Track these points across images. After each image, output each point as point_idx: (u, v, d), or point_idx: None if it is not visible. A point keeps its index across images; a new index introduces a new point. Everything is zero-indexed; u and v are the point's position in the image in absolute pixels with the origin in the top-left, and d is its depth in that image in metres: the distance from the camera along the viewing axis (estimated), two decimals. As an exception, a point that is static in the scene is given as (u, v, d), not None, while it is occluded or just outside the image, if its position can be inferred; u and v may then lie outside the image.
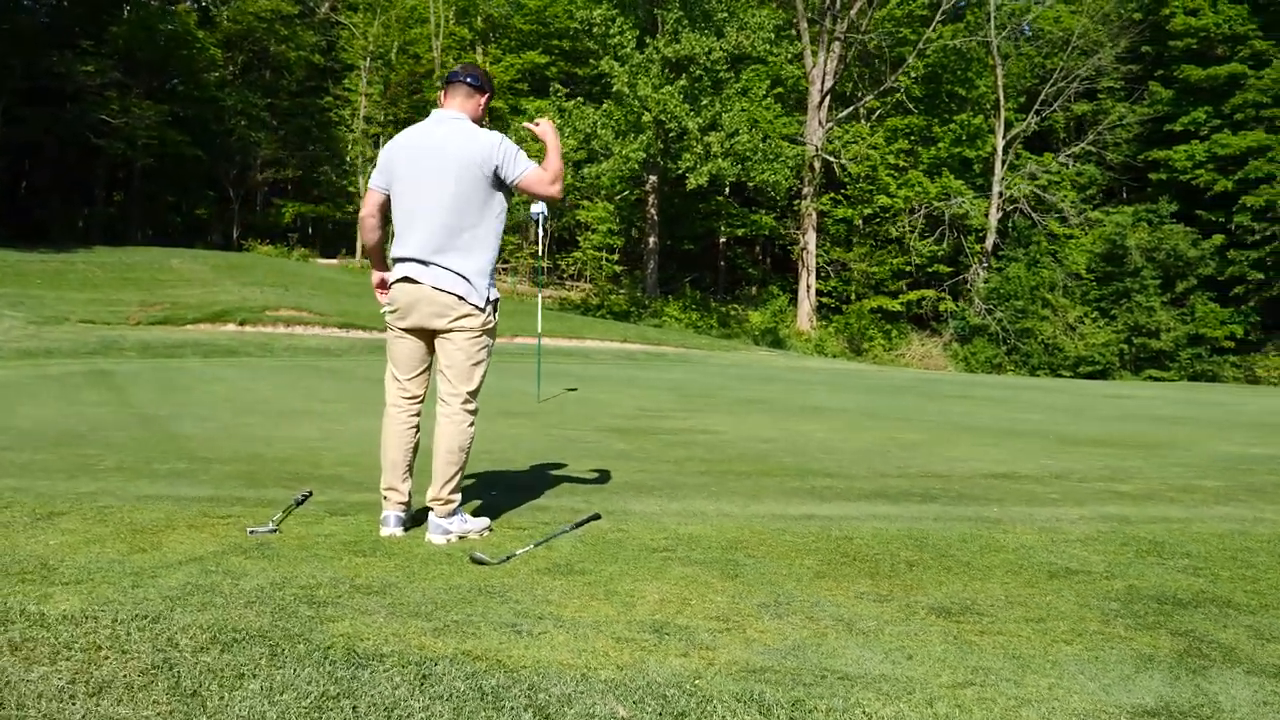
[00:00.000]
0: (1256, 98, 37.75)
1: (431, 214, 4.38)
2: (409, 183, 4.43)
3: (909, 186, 42.09)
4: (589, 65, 48.94)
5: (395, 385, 4.65)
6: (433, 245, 4.37)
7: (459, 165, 4.36)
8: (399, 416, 4.61)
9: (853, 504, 5.42)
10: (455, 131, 4.43)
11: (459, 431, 4.47)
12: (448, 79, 4.58)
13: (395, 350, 4.60)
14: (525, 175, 4.44)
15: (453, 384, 4.50)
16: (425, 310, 4.40)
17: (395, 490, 4.54)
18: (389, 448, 4.58)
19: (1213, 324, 37.58)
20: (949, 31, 42.85)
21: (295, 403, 10.80)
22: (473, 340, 4.47)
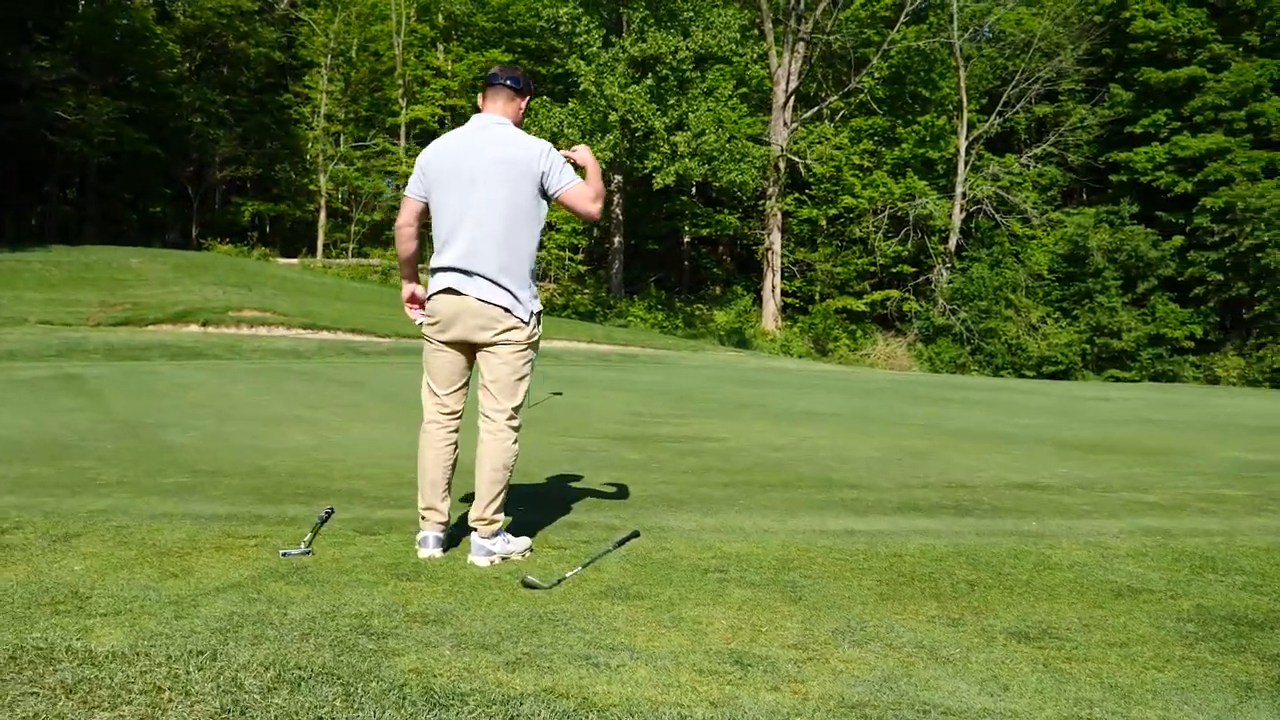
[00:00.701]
0: (1215, 100, 38.24)
1: (476, 222, 4.19)
2: (451, 189, 4.22)
3: (873, 187, 42.24)
4: (553, 64, 48.68)
5: (434, 400, 4.46)
6: (477, 255, 4.18)
7: (506, 171, 4.18)
8: (438, 433, 4.43)
9: (888, 518, 5.30)
10: (501, 136, 4.24)
11: (504, 449, 4.30)
12: (487, 81, 4.37)
13: (434, 364, 4.41)
14: (570, 189, 4.26)
15: (497, 399, 4.32)
16: (469, 323, 4.22)
17: (435, 510, 4.36)
18: (429, 466, 4.40)
19: (1173, 324, 38.04)
20: (912, 33, 43.03)
21: (278, 408, 10.54)
22: (518, 354, 4.29)
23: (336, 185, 48.47)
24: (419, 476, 4.43)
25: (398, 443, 7.85)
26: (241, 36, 46.99)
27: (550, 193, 4.24)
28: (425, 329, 4.39)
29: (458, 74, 49.75)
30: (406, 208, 4.38)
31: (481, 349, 4.30)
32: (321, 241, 47.52)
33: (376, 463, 6.77)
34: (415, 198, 4.35)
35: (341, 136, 49.42)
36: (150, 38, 43.21)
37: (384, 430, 8.70)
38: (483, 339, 4.24)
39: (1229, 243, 37.23)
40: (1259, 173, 37.69)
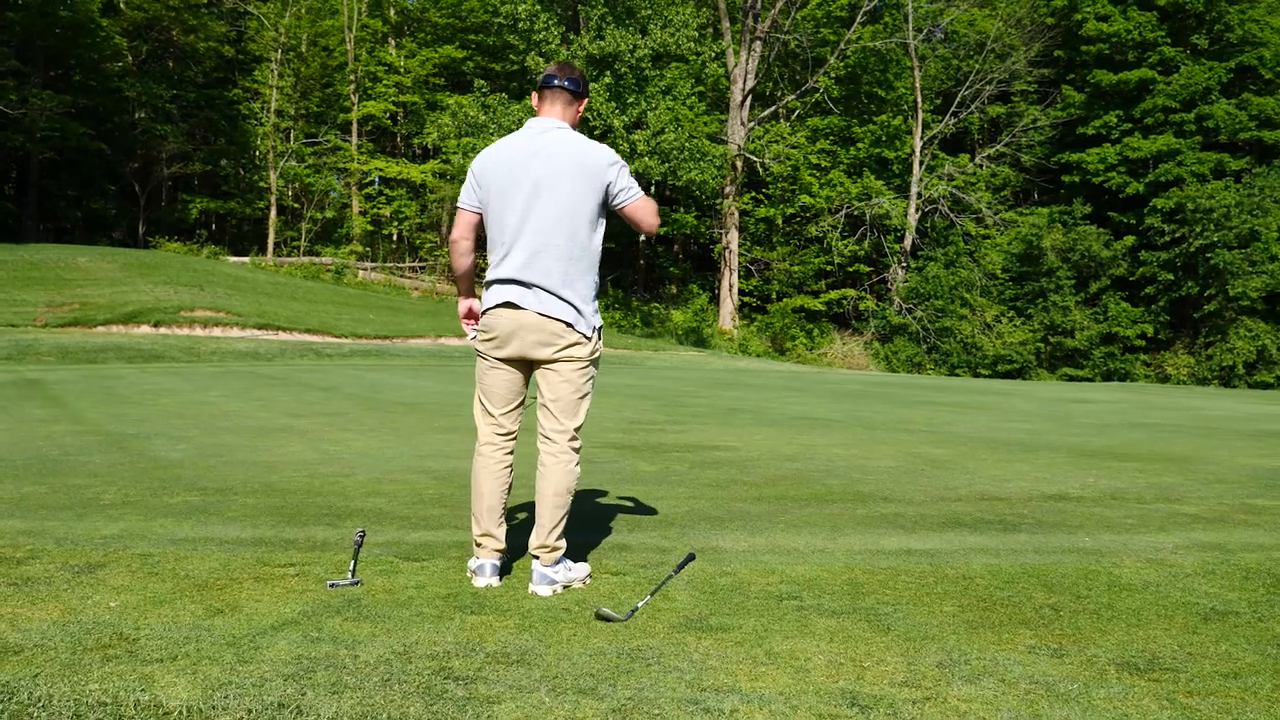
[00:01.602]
0: (1165, 103, 38.75)
1: (539, 232, 3.93)
2: (511, 199, 3.95)
3: (830, 186, 42.33)
4: (508, 60, 48.27)
5: (489, 421, 4.19)
6: (539, 267, 3.93)
7: (573, 179, 3.93)
8: (494, 455, 4.16)
9: (938, 534, 5.14)
10: (565, 142, 3.98)
11: (566, 472, 4.05)
12: (542, 83, 4.09)
13: (490, 382, 4.14)
14: (636, 201, 4.02)
15: (558, 419, 4.07)
16: (529, 339, 3.97)
17: (492, 537, 4.10)
18: (485, 492, 4.12)
19: (1125, 323, 38.53)
20: (868, 33, 43.19)
21: (262, 417, 10.20)
22: (580, 371, 4.06)
23: (287, 182, 47.73)
24: (474, 502, 4.16)
25: (400, 456, 7.58)
26: (189, 30, 46.06)
27: (616, 204, 4.01)
28: (480, 345, 4.12)
29: (411, 70, 49.17)
30: (461, 220, 4.12)
31: (541, 366, 4.06)
32: (272, 240, 46.73)
33: (389, 477, 6.49)
34: (470, 209, 4.09)
35: (292, 133, 48.63)
36: (95, 30, 42.22)
37: (381, 442, 8.40)
38: (543, 355, 4.00)
39: (1179, 243, 37.76)
40: (1208, 174, 38.28)
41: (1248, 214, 36.33)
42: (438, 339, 31.46)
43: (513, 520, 5.15)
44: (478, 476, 4.16)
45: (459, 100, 40.42)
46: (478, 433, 4.22)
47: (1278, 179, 37.63)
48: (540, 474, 4.06)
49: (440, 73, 49.87)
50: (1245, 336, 36.74)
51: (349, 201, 49.74)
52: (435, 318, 35.32)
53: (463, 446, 8.19)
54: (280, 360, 20.67)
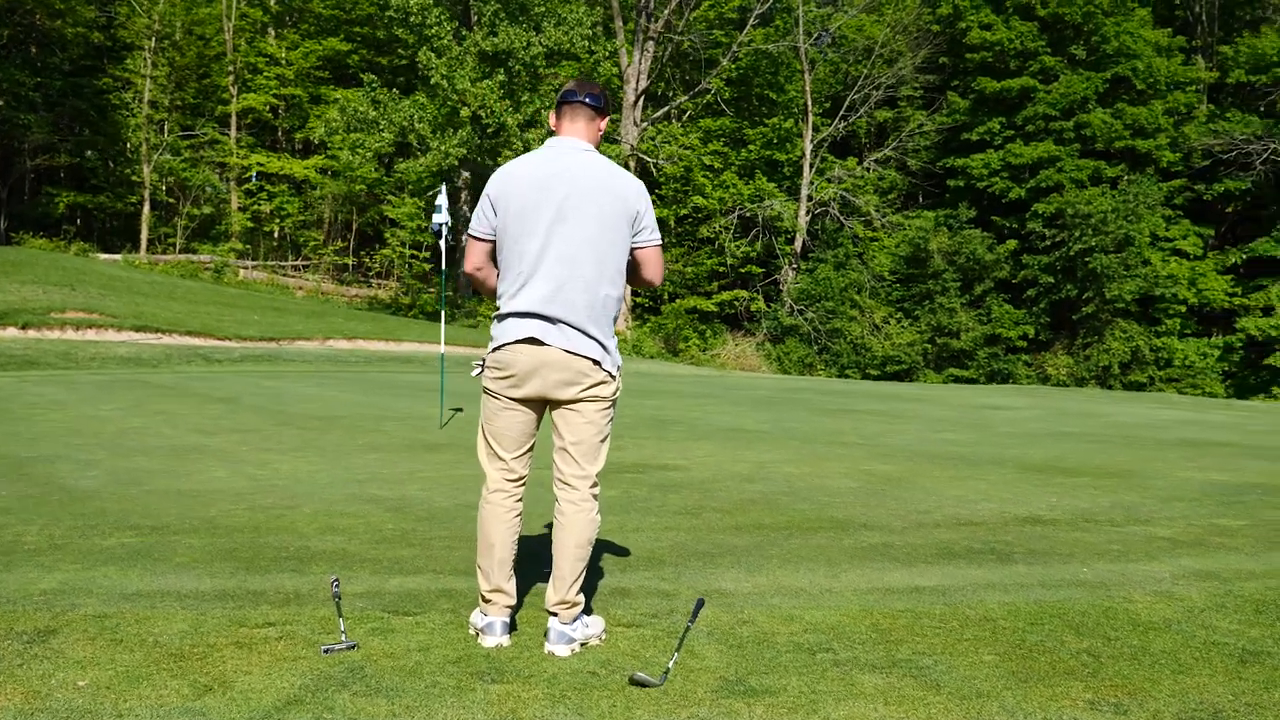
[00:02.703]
0: (1046, 110, 39.84)
1: (563, 261, 3.60)
2: (533, 224, 3.61)
3: (723, 188, 42.46)
4: (395, 54, 47.26)
5: (498, 466, 3.82)
6: (564, 300, 3.59)
7: (600, 203, 3.62)
8: (505, 503, 3.80)
9: (937, 568, 4.96)
10: (591, 163, 3.66)
11: (589, 521, 3.72)
12: (561, 99, 3.77)
13: (502, 424, 3.77)
14: (654, 246, 3.76)
15: (579, 464, 3.73)
16: (552, 378, 3.63)
17: (503, 593, 3.75)
18: (496, 544, 3.76)
19: (1007, 324, 39.50)
20: (760, 35, 43.46)
21: (170, 435, 9.56)
22: (603, 412, 3.73)
23: (162, 176, 45.81)
24: (482, 555, 3.79)
25: (337, 482, 7.12)
26: (55, 14, 43.75)
27: (634, 242, 3.71)
28: (491, 383, 3.75)
29: (293, 62, 47.72)
30: (474, 251, 3.75)
31: (560, 407, 3.72)
32: (146, 236, 44.81)
33: (338, 509, 6.05)
34: (484, 237, 3.73)
35: (166, 125, 46.75)
36: (-48, 13, 39.87)
37: (309, 464, 7.91)
38: (565, 396, 3.66)
39: (1059, 247, 38.85)
40: (1086, 180, 39.48)
41: (1123, 220, 37.59)
42: (326, 340, 30.49)
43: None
44: (487, 527, 3.79)
45: (347, 95, 39.33)
46: (486, 478, 3.86)
47: (1150, 186, 39.03)
48: (560, 524, 3.72)
49: (324, 66, 48.53)
50: (1120, 338, 38.02)
51: (228, 197, 48.05)
52: (322, 319, 34.27)
53: (399, 469, 7.77)
54: (167, 366, 19.68)
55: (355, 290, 45.71)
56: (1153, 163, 40.25)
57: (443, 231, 10.57)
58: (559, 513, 3.73)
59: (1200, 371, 37.99)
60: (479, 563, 3.80)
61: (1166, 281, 38.30)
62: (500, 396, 3.73)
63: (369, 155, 37.98)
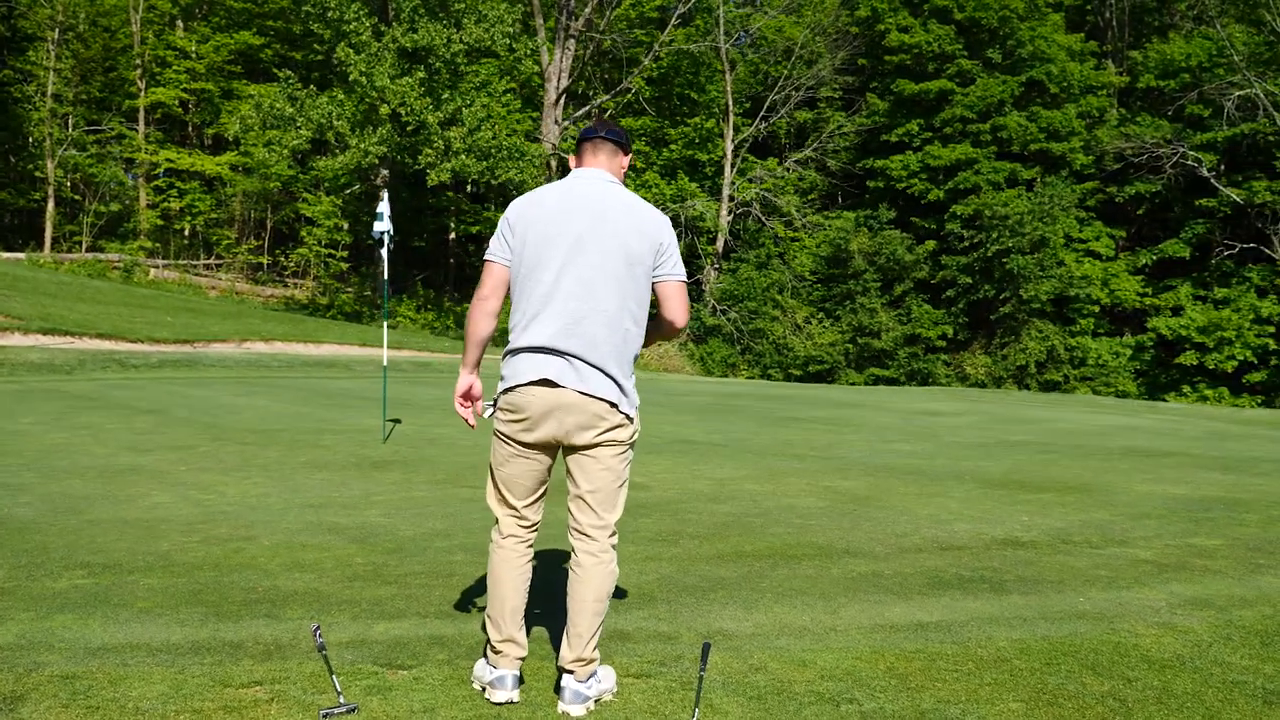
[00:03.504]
0: (963, 113, 40.39)
1: (581, 295, 3.41)
2: (551, 251, 3.43)
3: (645, 188, 42.35)
4: (309, 49, 46.29)
5: (509, 515, 3.62)
6: (581, 334, 3.40)
7: (623, 236, 3.44)
8: (517, 549, 3.60)
9: (933, 600, 4.85)
10: (616, 194, 3.52)
11: (608, 574, 3.52)
12: (583, 136, 3.64)
13: (514, 471, 3.56)
14: (678, 280, 3.56)
15: (597, 514, 3.53)
16: (568, 422, 3.42)
17: (514, 643, 3.56)
18: (508, 594, 3.56)
19: (927, 324, 39.99)
20: (681, 35, 43.42)
21: (99, 453, 9.10)
22: (620, 457, 3.53)
23: (66, 172, 44.26)
24: (494, 604, 3.59)
25: (290, 507, 6.80)
26: (-49, 4, 42.09)
27: (657, 275, 3.52)
28: (503, 426, 3.53)
29: (204, 55, 46.39)
30: (490, 276, 3.52)
31: (575, 452, 3.51)
32: (50, 234, 43.24)
33: (299, 541, 5.75)
34: (501, 261, 3.51)
35: (71, 119, 45.17)
36: None
37: (256, 486, 7.56)
38: (582, 440, 3.45)
39: (977, 248, 39.42)
40: (1002, 182, 40.11)
41: (1039, 221, 38.27)
42: (243, 343, 29.69)
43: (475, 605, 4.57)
44: (498, 575, 3.59)
45: (263, 91, 38.32)
46: (497, 523, 3.66)
47: (1064, 188, 39.82)
48: (577, 577, 3.52)
49: (236, 60, 47.27)
50: (1036, 337, 38.72)
51: (136, 194, 46.60)
52: (238, 320, 33.41)
53: (352, 492, 7.46)
54: (82, 373, 18.91)
55: (271, 290, 44.67)
56: (1067, 165, 41.09)
57: (384, 240, 10.25)
58: (576, 564, 3.53)
59: (1113, 370, 38.88)
60: (489, 612, 3.60)
61: (1080, 282, 39.12)
62: (511, 442, 3.52)
63: (285, 153, 37.09)
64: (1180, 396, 37.81)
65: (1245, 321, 36.89)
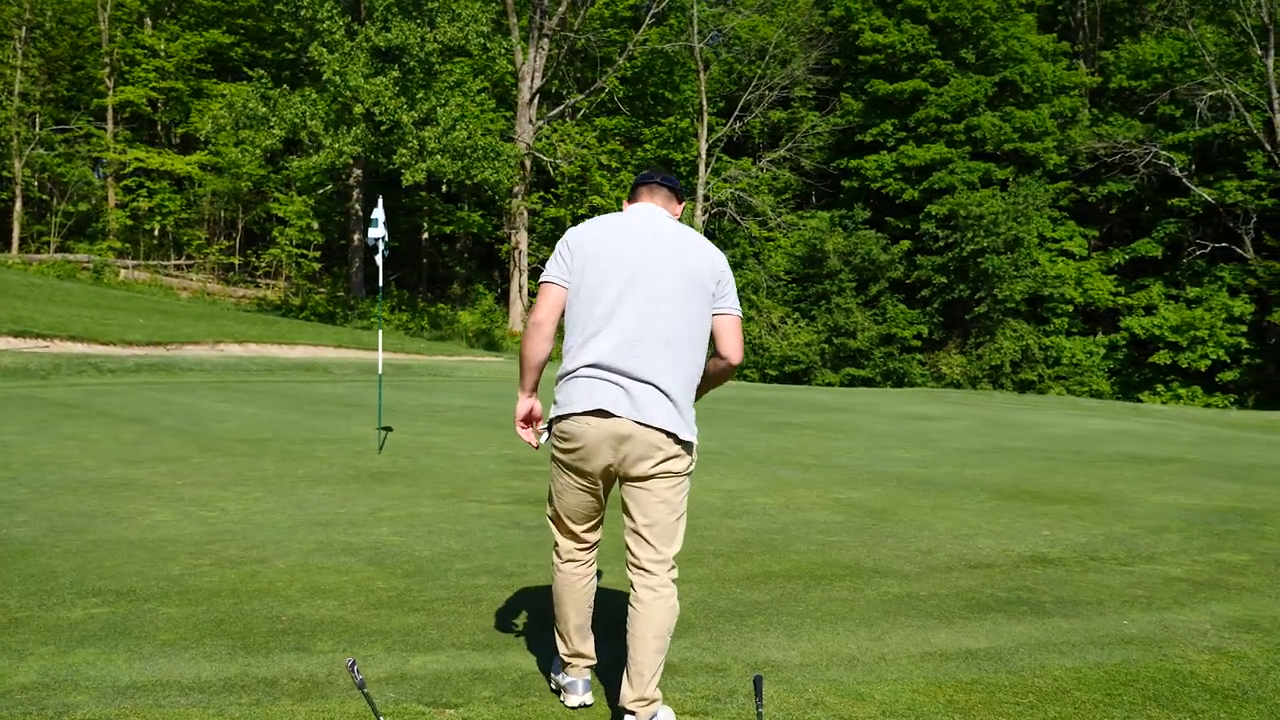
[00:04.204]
0: (937, 113, 40.54)
1: (642, 314, 3.34)
2: (611, 271, 3.37)
3: (621, 188, 42.24)
4: (280, 47, 45.80)
5: (568, 538, 3.62)
6: (640, 352, 3.32)
7: (684, 264, 3.41)
8: (579, 570, 3.61)
9: (976, 624, 4.76)
10: (676, 226, 3.51)
11: (669, 610, 3.42)
12: (639, 182, 3.66)
13: (571, 502, 3.53)
14: (735, 314, 3.52)
15: (655, 548, 3.44)
16: (623, 451, 3.34)
17: (582, 656, 3.64)
18: (572, 613, 3.59)
19: (902, 324, 40.11)
20: (655, 34, 43.32)
21: (88, 466, 8.87)
22: (677, 489, 3.44)
23: (34, 171, 43.57)
24: (559, 622, 3.62)
25: (299, 525, 6.62)
26: (-85, 1, 41.30)
27: (716, 307, 3.49)
28: (559, 454, 3.47)
29: (174, 54, 45.76)
30: (547, 297, 3.45)
31: (630, 483, 3.40)
32: (18, 235, 42.55)
33: (314, 564, 5.58)
34: (559, 283, 3.45)
35: (38, 118, 44.47)
36: None
37: (259, 503, 7.38)
38: (638, 471, 3.36)
39: (952, 248, 39.57)
40: (977, 182, 40.29)
41: (1013, 221, 38.47)
42: (216, 344, 29.32)
43: (519, 625, 4.44)
44: (562, 597, 3.60)
45: (236, 90, 37.86)
46: (557, 545, 3.65)
47: (1038, 188, 40.06)
48: (637, 613, 3.40)
49: (206, 58, 46.66)
50: (1011, 337, 38.93)
51: (105, 194, 45.95)
52: (211, 321, 33.00)
53: (358, 508, 7.29)
54: (58, 378, 18.55)
55: (243, 291, 44.18)
56: (1040, 165, 41.34)
57: (380, 246, 10.07)
58: (636, 600, 3.43)
59: (1087, 369, 39.16)
60: (556, 627, 3.64)
61: (1054, 281, 39.38)
62: (567, 471, 3.47)
63: (258, 153, 36.68)
64: (1154, 395, 38.13)
65: (1217, 321, 37.24)
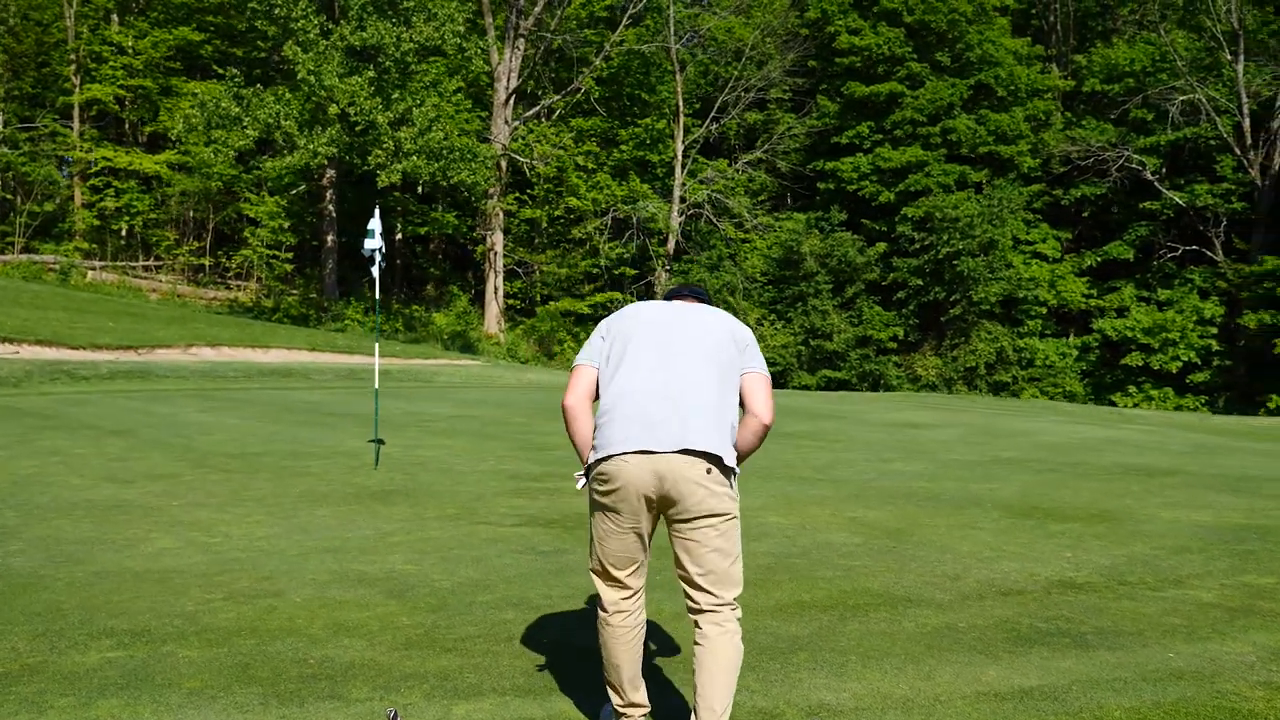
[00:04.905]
0: (913, 115, 40.58)
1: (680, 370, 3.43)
2: (646, 335, 3.51)
3: (597, 189, 42.06)
4: (251, 45, 45.32)
5: (612, 587, 3.53)
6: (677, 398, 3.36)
7: (715, 332, 3.56)
8: (627, 622, 3.52)
9: (1022, 658, 4.64)
10: (705, 306, 3.70)
11: (736, 648, 3.41)
12: (672, 294, 3.90)
13: (615, 546, 3.46)
14: (762, 373, 3.60)
15: (715, 594, 3.41)
16: (666, 489, 3.31)
17: (636, 705, 3.57)
18: (624, 663, 3.50)
19: (878, 326, 40.17)
20: (631, 35, 43.16)
21: (76, 485, 8.62)
22: (728, 533, 3.42)
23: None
24: (610, 673, 3.53)
25: (307, 552, 6.43)
26: (-125, -4, 40.49)
27: (740, 368, 3.57)
28: (599, 498, 3.42)
29: (142, 52, 45.13)
30: (579, 380, 3.55)
31: (677, 525, 3.37)
32: (-18, 235, 41.89)
33: (331, 597, 5.39)
34: (591, 364, 3.56)
35: (3, 116, 43.76)
36: None
37: (262, 527, 7.17)
38: (682, 512, 3.33)
39: (927, 250, 39.64)
40: (952, 185, 40.37)
41: (988, 224, 38.60)
42: (189, 348, 28.93)
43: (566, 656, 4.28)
44: (611, 649, 3.50)
45: (207, 89, 37.35)
46: (601, 598, 3.56)
47: (1013, 191, 40.21)
48: (705, 650, 3.38)
49: (175, 56, 46.04)
50: (986, 339, 39.06)
51: (71, 193, 45.26)
52: (183, 324, 32.56)
53: (364, 532, 7.10)
54: (31, 385, 18.17)
55: (213, 293, 43.64)
56: (1014, 168, 41.48)
57: (375, 258, 9.86)
58: (702, 637, 3.40)
59: (1060, 371, 39.36)
60: (607, 679, 3.56)
61: (1028, 284, 39.53)
62: (608, 515, 3.42)
63: (230, 153, 36.22)
64: (1126, 397, 38.38)
65: (1188, 323, 37.51)
